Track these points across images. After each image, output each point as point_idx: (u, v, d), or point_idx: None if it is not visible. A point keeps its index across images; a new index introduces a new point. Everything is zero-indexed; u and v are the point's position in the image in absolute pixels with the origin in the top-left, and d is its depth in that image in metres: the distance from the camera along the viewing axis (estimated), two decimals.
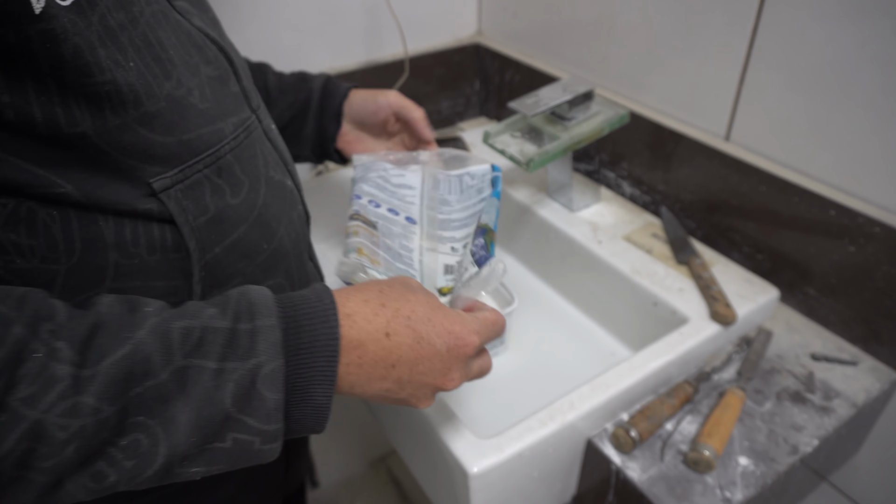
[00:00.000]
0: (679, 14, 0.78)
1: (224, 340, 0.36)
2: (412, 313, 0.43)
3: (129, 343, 0.34)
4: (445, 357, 0.44)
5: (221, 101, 0.48)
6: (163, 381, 0.34)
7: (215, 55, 0.49)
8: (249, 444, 0.38)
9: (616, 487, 0.62)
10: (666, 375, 0.67)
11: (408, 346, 0.42)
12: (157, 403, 0.34)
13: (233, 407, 0.36)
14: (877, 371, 0.69)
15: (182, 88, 0.43)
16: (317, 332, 0.39)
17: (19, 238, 0.38)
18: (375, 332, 0.41)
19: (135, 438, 0.34)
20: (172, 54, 0.43)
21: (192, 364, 0.35)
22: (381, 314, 0.42)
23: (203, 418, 0.35)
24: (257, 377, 0.36)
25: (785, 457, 0.61)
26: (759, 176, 0.74)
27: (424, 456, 0.66)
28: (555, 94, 0.78)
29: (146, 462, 0.35)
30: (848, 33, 0.63)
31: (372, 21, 1.05)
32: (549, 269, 0.90)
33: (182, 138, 0.43)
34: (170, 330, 0.35)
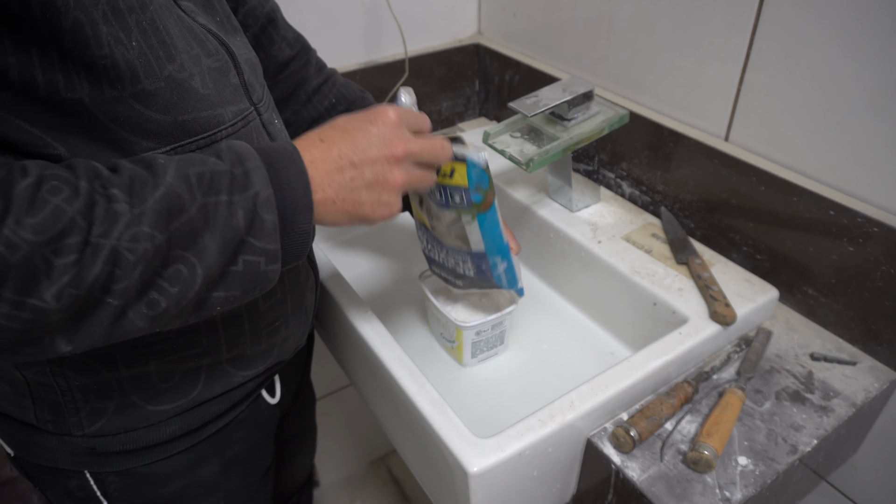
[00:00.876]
0: (679, 14, 0.78)
1: (228, 179, 0.43)
2: (335, 122, 0.51)
3: (162, 186, 0.40)
4: (376, 131, 0.50)
5: (222, 90, 0.51)
6: (193, 216, 0.41)
7: (216, 48, 0.51)
8: (256, 265, 0.44)
9: (616, 487, 0.62)
10: (665, 375, 0.67)
11: (339, 136, 0.49)
12: (190, 237, 0.41)
13: (244, 230, 0.43)
14: (876, 371, 0.69)
15: (184, 72, 0.47)
16: (290, 170, 0.46)
17: None
18: (312, 143, 0.49)
19: (176, 269, 0.41)
20: (177, 42, 0.47)
21: (210, 201, 0.42)
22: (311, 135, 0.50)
23: (226, 242, 0.42)
24: (257, 203, 0.43)
25: (784, 456, 0.61)
26: (758, 176, 0.74)
27: (424, 456, 0.66)
28: (555, 94, 0.78)
29: (187, 287, 0.42)
30: (848, 33, 0.63)
31: (372, 21, 1.05)
32: (549, 269, 0.90)
33: (178, 118, 0.47)
34: (188, 175, 0.42)
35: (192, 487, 0.64)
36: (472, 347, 0.76)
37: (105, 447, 0.58)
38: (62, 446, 0.57)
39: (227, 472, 0.67)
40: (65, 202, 0.37)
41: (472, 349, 0.76)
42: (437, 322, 0.79)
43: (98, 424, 0.56)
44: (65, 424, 0.56)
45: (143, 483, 0.61)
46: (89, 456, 0.58)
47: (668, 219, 0.85)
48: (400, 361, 0.65)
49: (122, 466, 0.59)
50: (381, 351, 0.67)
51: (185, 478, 0.63)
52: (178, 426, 0.60)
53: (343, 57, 1.06)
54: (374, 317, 0.71)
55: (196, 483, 0.65)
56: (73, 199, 0.37)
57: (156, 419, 0.58)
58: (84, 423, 0.56)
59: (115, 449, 0.58)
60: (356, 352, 0.75)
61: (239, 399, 0.64)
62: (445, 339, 0.79)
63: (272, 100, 0.62)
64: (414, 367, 0.65)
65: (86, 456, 0.58)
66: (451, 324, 0.74)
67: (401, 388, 0.63)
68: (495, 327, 0.76)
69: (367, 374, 0.76)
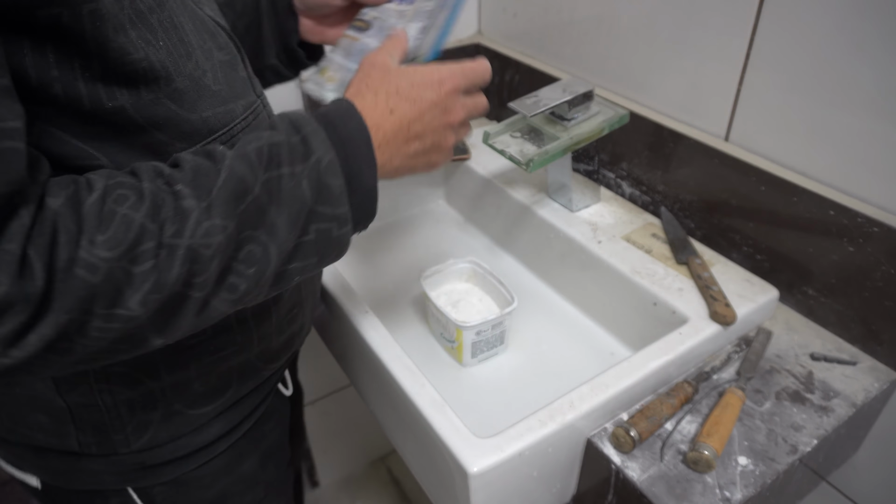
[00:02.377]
0: (679, 14, 0.78)
1: (287, 150, 0.43)
2: (398, 87, 0.51)
3: (223, 171, 0.40)
4: (439, 100, 0.52)
5: (232, 84, 0.51)
6: (257, 194, 0.41)
7: (226, 42, 0.51)
8: (328, 232, 0.45)
9: (616, 487, 0.62)
10: (665, 375, 0.67)
11: (409, 109, 0.50)
12: (257, 216, 0.41)
13: (311, 199, 0.43)
14: (876, 371, 0.69)
15: (199, 70, 0.47)
16: (349, 128, 0.46)
17: None
18: (382, 113, 0.49)
19: (249, 250, 0.41)
20: (191, 38, 0.46)
21: (272, 175, 0.42)
22: (379, 100, 0.50)
23: (293, 214, 0.42)
24: (320, 170, 0.44)
25: (784, 456, 0.61)
26: (758, 176, 0.74)
27: (424, 456, 0.66)
28: (554, 94, 0.78)
29: (263, 265, 0.42)
30: (847, 33, 0.63)
31: None
32: (549, 269, 0.90)
33: (203, 115, 0.47)
34: (247, 153, 0.42)
35: (235, 484, 0.65)
36: (472, 347, 0.76)
37: (154, 459, 0.57)
38: (108, 467, 0.57)
39: (265, 465, 0.69)
40: (131, 209, 0.37)
41: (472, 349, 0.76)
42: (437, 322, 0.79)
43: (145, 438, 0.56)
44: (110, 444, 0.55)
45: (191, 488, 0.61)
46: (138, 471, 0.58)
47: (668, 219, 0.85)
48: (400, 361, 0.65)
49: (171, 476, 0.59)
50: (381, 351, 0.67)
51: (229, 476, 0.64)
52: (220, 426, 0.60)
53: None
54: (374, 317, 0.71)
55: (239, 479, 0.66)
56: (139, 204, 0.37)
57: (199, 423, 0.58)
58: (131, 439, 0.55)
59: (165, 459, 0.58)
60: (356, 352, 0.75)
61: (266, 392, 0.66)
62: (445, 339, 0.79)
63: None
64: (414, 367, 0.65)
65: (134, 472, 0.58)
66: (451, 324, 0.74)
67: (401, 388, 0.63)
68: (495, 327, 0.76)
69: (367, 374, 0.76)
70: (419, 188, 1.07)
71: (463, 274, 0.85)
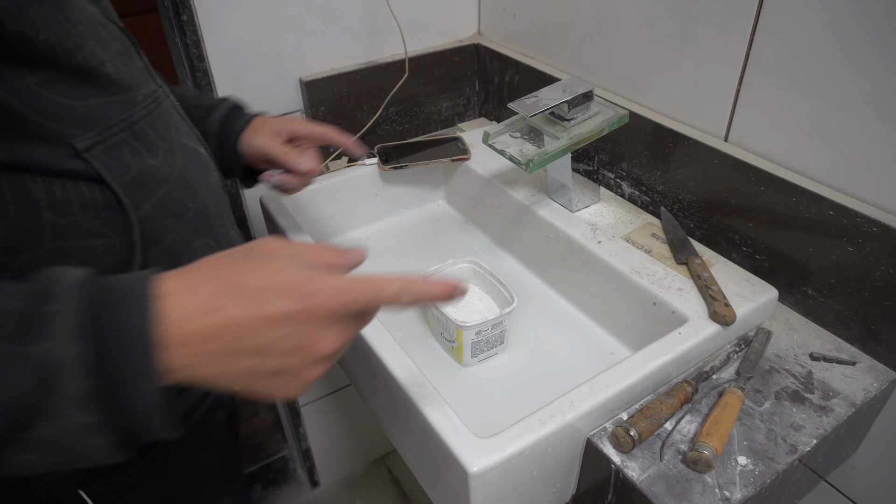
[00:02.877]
0: (679, 14, 0.79)
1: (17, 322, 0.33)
2: (248, 280, 0.38)
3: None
4: (298, 315, 0.38)
5: (132, 73, 0.51)
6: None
7: (118, 34, 0.52)
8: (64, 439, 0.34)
9: (615, 486, 0.62)
10: (665, 375, 0.67)
11: (241, 312, 0.37)
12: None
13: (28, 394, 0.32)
14: (875, 371, 0.69)
15: (95, 59, 0.46)
16: (128, 319, 0.34)
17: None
18: (201, 307, 0.36)
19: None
20: (82, 30, 0.46)
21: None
22: (205, 288, 0.37)
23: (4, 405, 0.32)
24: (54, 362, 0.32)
25: (784, 456, 0.61)
26: (758, 176, 0.74)
27: (424, 455, 0.66)
28: (554, 94, 0.78)
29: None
30: (847, 33, 0.63)
31: (372, 21, 1.05)
32: (549, 268, 0.90)
33: (89, 103, 0.46)
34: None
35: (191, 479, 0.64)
36: (472, 347, 0.76)
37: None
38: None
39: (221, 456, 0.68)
40: None
41: (472, 349, 0.76)
42: (437, 322, 0.79)
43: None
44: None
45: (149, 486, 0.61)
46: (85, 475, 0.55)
47: (668, 219, 0.85)
48: (400, 361, 0.66)
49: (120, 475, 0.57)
50: (381, 351, 0.67)
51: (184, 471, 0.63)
52: None
53: (343, 57, 1.06)
54: None
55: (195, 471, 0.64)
56: None
57: None
58: None
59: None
60: (356, 352, 0.75)
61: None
62: (445, 339, 0.79)
63: None
64: (414, 366, 0.65)
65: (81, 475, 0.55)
66: (451, 324, 0.74)
67: (401, 388, 0.63)
68: (495, 327, 0.76)
69: (367, 374, 0.76)
70: (419, 188, 1.07)
71: (463, 274, 0.85)
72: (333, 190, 0.98)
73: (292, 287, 0.38)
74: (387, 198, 1.04)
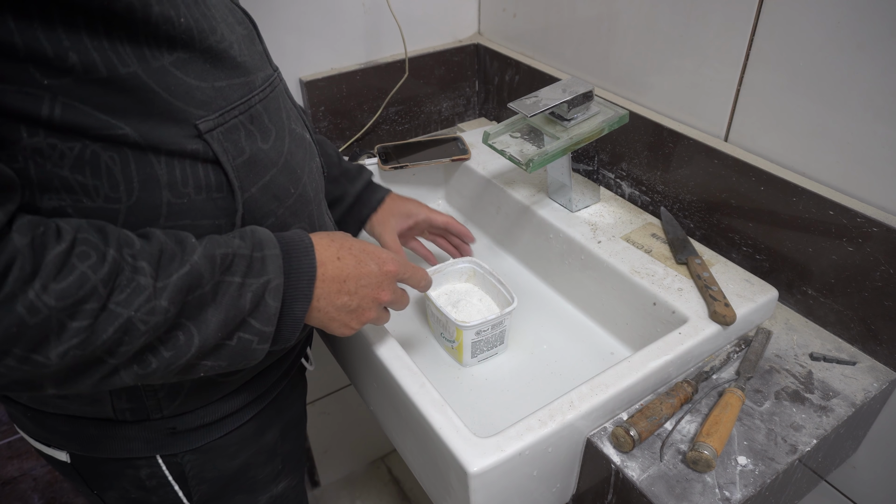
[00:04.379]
0: (679, 14, 0.79)
1: (246, 263, 0.47)
2: (353, 245, 0.57)
3: (188, 264, 0.44)
4: (377, 274, 0.57)
5: (253, 56, 0.53)
6: (206, 291, 0.45)
7: (242, 18, 0.54)
8: (249, 343, 0.48)
9: (615, 487, 0.62)
10: (665, 375, 0.67)
11: (352, 265, 0.55)
12: (197, 309, 0.44)
13: (248, 311, 0.47)
14: (875, 371, 0.69)
15: (225, 42, 0.49)
16: (301, 262, 0.51)
17: (86, 179, 0.43)
18: (331, 256, 0.54)
19: (175, 335, 0.44)
20: (215, 13, 0.49)
21: (225, 279, 0.46)
22: (332, 245, 0.55)
23: (228, 318, 0.46)
24: (267, 289, 0.48)
25: (784, 456, 0.61)
26: (758, 176, 0.74)
27: (424, 455, 0.66)
28: (554, 94, 0.78)
29: (181, 353, 0.44)
30: (847, 33, 0.63)
31: (372, 21, 1.05)
32: (549, 269, 0.90)
33: (215, 85, 0.48)
34: (214, 255, 0.45)
35: (258, 455, 0.67)
36: (472, 347, 0.76)
37: (184, 425, 0.59)
38: (141, 433, 0.59)
39: (285, 437, 0.71)
40: (90, 269, 0.39)
41: (472, 349, 0.76)
42: (437, 322, 0.79)
43: (176, 403, 0.58)
44: (144, 410, 0.57)
45: (217, 456, 0.64)
46: (168, 437, 0.60)
47: (668, 219, 0.85)
48: (400, 361, 0.66)
49: (200, 442, 0.61)
50: (381, 351, 0.67)
51: (253, 446, 0.66)
52: (247, 394, 0.63)
53: (343, 57, 1.06)
54: None
55: (261, 450, 0.68)
56: (98, 266, 0.39)
57: (227, 390, 0.61)
58: (163, 405, 0.57)
59: (194, 425, 0.60)
60: (356, 352, 0.75)
61: (289, 364, 0.69)
62: (445, 339, 0.79)
63: None
64: (414, 366, 0.65)
65: (164, 438, 0.60)
66: (452, 324, 0.74)
67: (401, 388, 0.63)
68: (495, 327, 0.76)
69: (367, 374, 0.76)
70: (419, 188, 1.07)
71: (463, 274, 0.85)
72: None
73: (377, 255, 0.58)
74: None
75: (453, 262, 0.84)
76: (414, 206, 0.85)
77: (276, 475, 0.71)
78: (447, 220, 0.86)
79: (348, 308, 0.56)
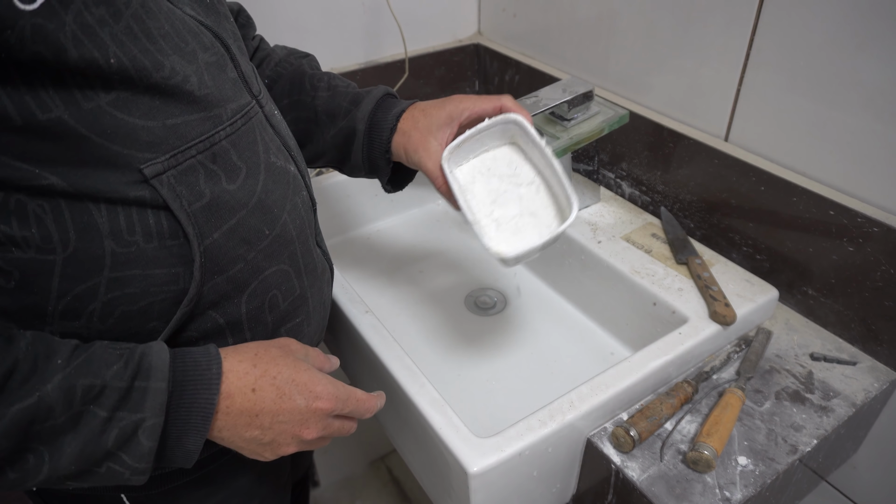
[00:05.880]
0: (679, 14, 0.78)
1: (119, 395, 0.41)
2: (279, 374, 0.48)
3: (36, 394, 0.39)
4: (304, 411, 0.49)
5: (221, 86, 0.48)
6: (60, 422, 0.40)
7: (211, 42, 0.49)
8: (121, 475, 0.43)
9: (616, 487, 0.62)
10: (665, 375, 0.67)
11: (271, 399, 0.48)
12: (50, 436, 0.40)
13: (113, 447, 0.42)
14: (875, 371, 0.69)
15: (177, 76, 0.44)
16: (197, 397, 0.44)
17: (12, 230, 0.40)
18: (244, 387, 0.47)
19: (24, 458, 0.39)
20: (164, 45, 0.43)
21: (86, 410, 0.40)
22: (251, 373, 0.48)
23: (86, 453, 0.41)
24: (139, 428, 0.42)
25: (784, 456, 0.61)
26: (758, 176, 0.74)
27: (424, 455, 0.66)
28: (554, 94, 0.78)
29: (29, 476, 0.40)
30: (847, 33, 0.63)
31: (372, 21, 1.05)
32: (549, 269, 0.90)
33: (166, 123, 0.44)
34: (74, 387, 0.40)
35: (230, 498, 0.63)
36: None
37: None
38: None
39: (262, 479, 0.66)
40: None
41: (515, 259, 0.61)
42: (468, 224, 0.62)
43: None
44: None
45: (185, 500, 0.60)
46: None
47: (668, 219, 0.85)
48: (400, 361, 0.65)
49: (164, 487, 0.57)
50: (381, 351, 0.67)
51: (225, 489, 0.62)
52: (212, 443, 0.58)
53: (343, 57, 1.06)
54: (374, 316, 0.72)
55: (234, 493, 0.63)
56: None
57: None
58: None
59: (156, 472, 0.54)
60: (356, 352, 0.75)
61: None
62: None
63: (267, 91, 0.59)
64: (414, 366, 0.65)
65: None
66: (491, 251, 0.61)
67: (401, 388, 0.63)
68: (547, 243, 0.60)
69: (367, 374, 0.76)
70: (419, 188, 1.07)
71: (504, 136, 0.63)
72: (333, 190, 0.98)
73: (305, 386, 0.49)
74: (387, 198, 1.04)
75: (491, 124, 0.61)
76: (453, 104, 0.62)
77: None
78: (503, 102, 0.61)
79: (259, 441, 0.49)
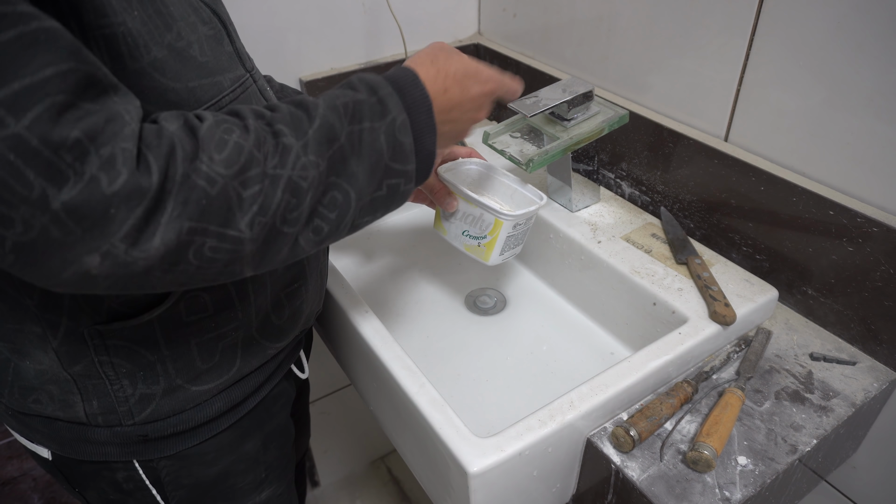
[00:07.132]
0: (679, 14, 0.78)
1: (368, 108, 0.47)
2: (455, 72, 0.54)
3: (318, 117, 0.45)
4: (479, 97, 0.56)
5: (219, 57, 0.52)
6: (343, 143, 0.45)
7: (209, 17, 0.53)
8: (397, 187, 0.49)
9: (615, 487, 0.62)
10: (665, 375, 0.67)
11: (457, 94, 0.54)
12: (341, 163, 0.45)
13: (387, 154, 0.47)
14: (875, 371, 0.69)
15: (182, 41, 0.48)
16: (415, 96, 0.50)
17: None
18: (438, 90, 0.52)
19: (332, 196, 0.45)
20: (172, 10, 0.48)
21: (355, 128, 0.46)
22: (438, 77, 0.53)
23: (372, 167, 0.47)
24: (395, 127, 0.48)
25: (784, 456, 0.61)
26: (758, 176, 0.74)
27: (424, 455, 0.66)
28: (554, 94, 0.78)
29: (344, 211, 0.46)
30: (847, 33, 0.63)
31: (372, 21, 1.05)
32: (549, 269, 0.90)
33: (188, 85, 0.48)
34: (336, 105, 0.46)
35: (237, 463, 0.67)
36: (504, 242, 0.71)
37: (156, 432, 0.59)
38: (113, 438, 0.58)
39: (268, 445, 0.70)
40: (241, 139, 0.41)
41: (504, 244, 0.72)
42: (463, 218, 0.72)
43: (147, 411, 0.57)
44: (115, 416, 0.57)
45: (194, 464, 0.63)
46: (141, 444, 0.59)
47: (668, 219, 0.85)
48: (400, 361, 0.66)
49: (174, 450, 0.61)
50: (381, 351, 0.67)
51: (231, 454, 0.65)
52: (223, 403, 0.61)
53: (343, 57, 1.06)
54: (374, 317, 0.72)
55: (242, 458, 0.67)
56: (246, 135, 0.41)
57: (201, 399, 0.59)
58: (134, 412, 0.57)
59: (167, 433, 0.59)
60: (356, 352, 0.75)
61: (272, 371, 0.67)
62: (471, 236, 0.72)
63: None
64: (414, 366, 0.65)
65: (137, 444, 0.59)
66: (488, 216, 0.69)
67: (401, 388, 0.63)
68: (528, 221, 0.72)
69: (367, 374, 0.76)
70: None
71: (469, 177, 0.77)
72: None
73: (475, 75, 0.56)
74: None
75: (462, 163, 0.76)
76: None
77: (259, 484, 0.70)
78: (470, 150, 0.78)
79: (450, 133, 0.55)
